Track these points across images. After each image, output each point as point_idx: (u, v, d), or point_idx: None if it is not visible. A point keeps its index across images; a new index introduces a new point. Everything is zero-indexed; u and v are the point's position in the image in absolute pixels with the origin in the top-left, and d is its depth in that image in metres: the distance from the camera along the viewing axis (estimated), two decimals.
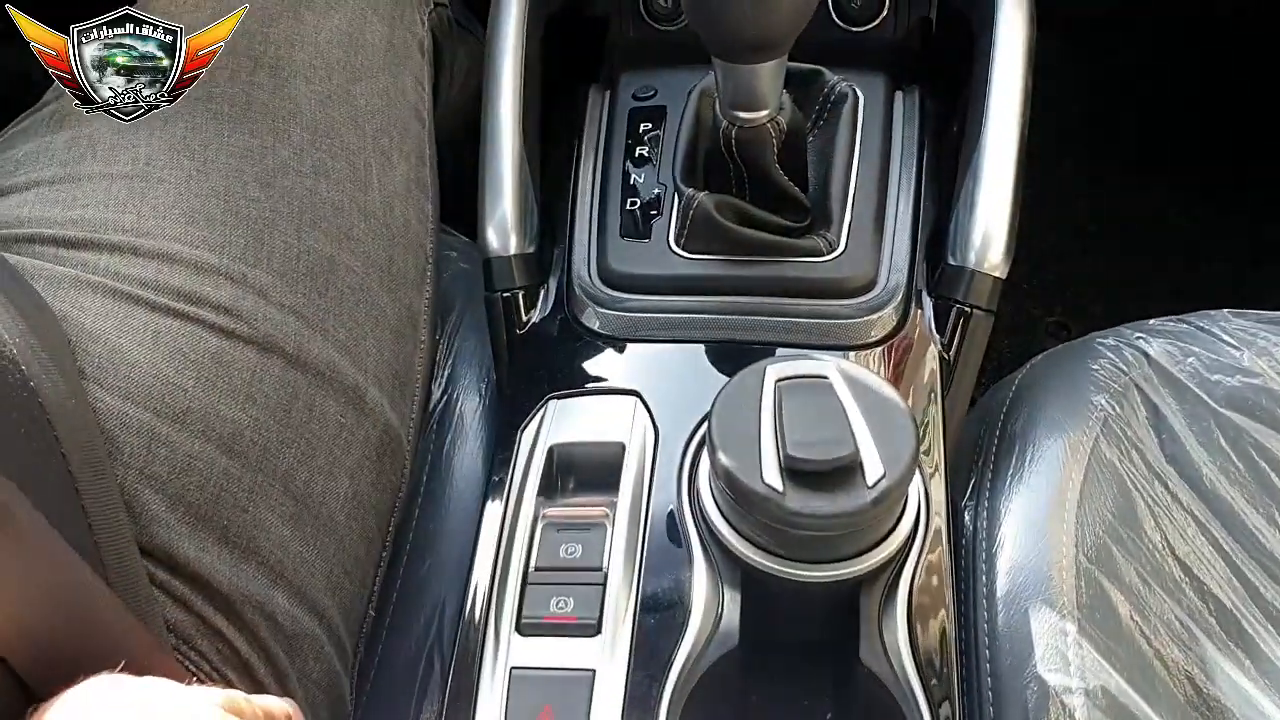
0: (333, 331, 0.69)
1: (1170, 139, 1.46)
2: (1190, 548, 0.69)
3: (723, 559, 0.60)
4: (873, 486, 0.54)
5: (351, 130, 0.76)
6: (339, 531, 0.66)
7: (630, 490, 0.64)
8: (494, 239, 0.76)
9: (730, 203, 0.73)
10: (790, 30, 0.63)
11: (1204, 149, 1.45)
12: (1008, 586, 0.66)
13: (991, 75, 0.75)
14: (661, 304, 0.73)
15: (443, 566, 0.72)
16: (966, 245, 0.72)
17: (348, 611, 0.67)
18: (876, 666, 0.58)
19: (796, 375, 0.58)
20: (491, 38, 0.82)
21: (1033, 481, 0.70)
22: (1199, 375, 0.75)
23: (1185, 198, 1.43)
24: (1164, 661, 0.65)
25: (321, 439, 0.66)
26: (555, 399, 0.69)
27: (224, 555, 0.61)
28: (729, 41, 0.64)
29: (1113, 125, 1.49)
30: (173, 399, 0.62)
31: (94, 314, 0.63)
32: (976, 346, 0.73)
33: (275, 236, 0.69)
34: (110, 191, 0.68)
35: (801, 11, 0.62)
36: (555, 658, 0.58)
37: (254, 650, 0.61)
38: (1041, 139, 0.77)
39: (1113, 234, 1.43)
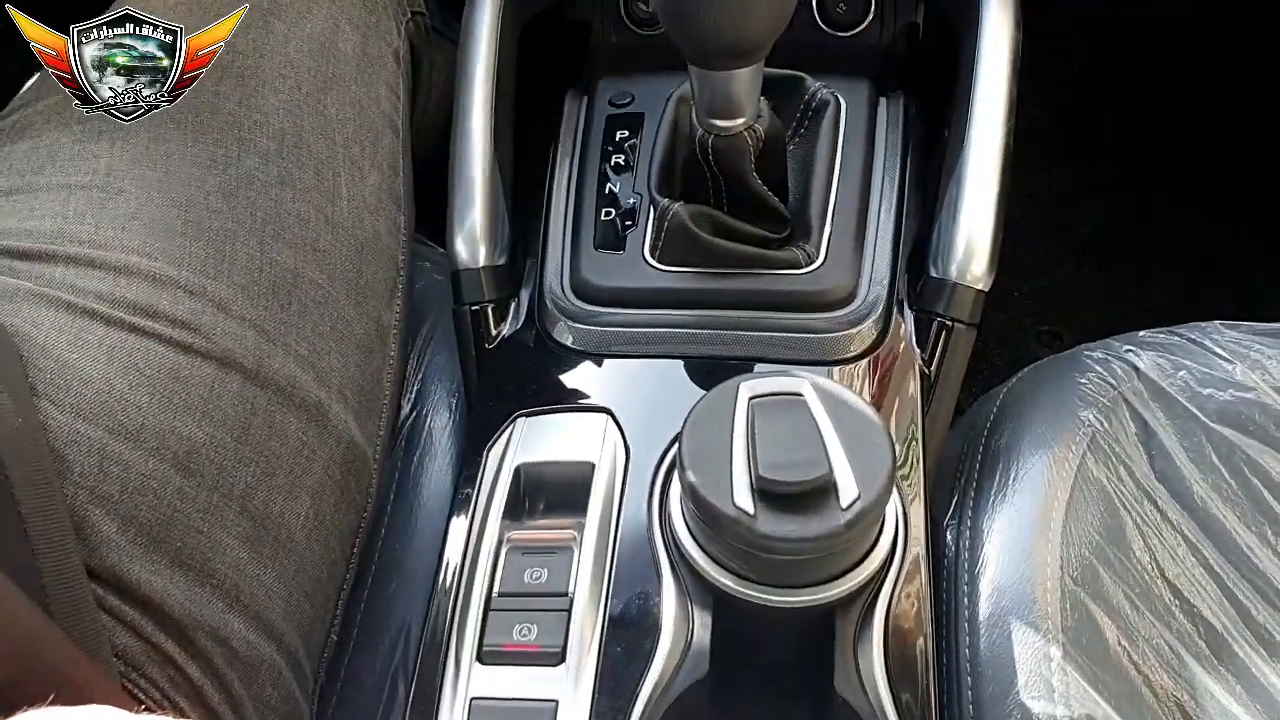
0: (295, 346, 0.67)
1: (1164, 146, 1.45)
2: (1180, 569, 0.67)
3: (693, 583, 0.58)
4: (847, 508, 0.52)
5: (320, 140, 0.74)
6: (299, 553, 0.64)
7: (599, 512, 0.62)
8: (463, 250, 0.75)
9: (707, 213, 0.71)
10: (767, 35, 0.61)
11: (1198, 156, 1.44)
12: (990, 610, 0.64)
13: (976, 81, 0.74)
14: (635, 318, 0.71)
15: (409, 588, 0.70)
16: (949, 257, 0.70)
17: (308, 636, 0.65)
18: (851, 696, 0.56)
19: (770, 393, 0.56)
20: (464, 42, 0.80)
21: (1017, 500, 0.68)
22: (1190, 389, 0.73)
23: (1179, 206, 1.41)
24: (1152, 688, 0.63)
25: (281, 457, 0.64)
26: (524, 416, 0.68)
27: (177, 578, 0.59)
28: (703, 47, 0.62)
29: (1105, 132, 1.48)
30: (126, 416, 0.60)
31: (47, 328, 0.61)
32: (958, 361, 0.71)
33: (237, 248, 0.67)
34: (68, 202, 0.67)
35: (778, 16, 0.60)
36: (517, 688, 0.56)
37: (207, 678, 0.59)
38: (1032, 146, 0.75)
39: (1106, 241, 1.42)
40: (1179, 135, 1.44)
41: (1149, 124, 1.46)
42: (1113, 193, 1.44)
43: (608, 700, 0.56)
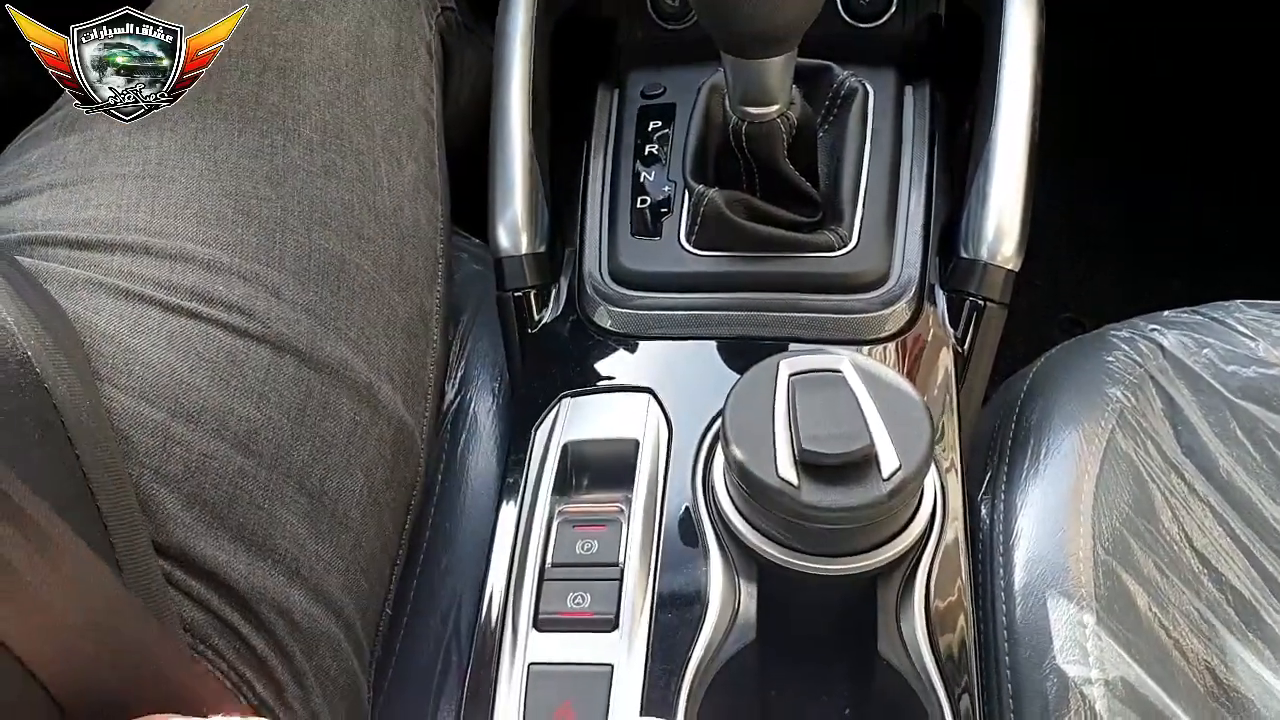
0: (345, 330, 0.69)
1: (1185, 134, 1.46)
2: (1208, 539, 0.69)
3: (738, 553, 0.60)
4: (888, 479, 0.54)
5: (360, 131, 0.76)
6: (354, 529, 0.66)
7: (645, 486, 0.64)
8: (504, 238, 0.76)
9: (741, 199, 0.73)
10: (799, 23, 0.63)
11: (1220, 143, 1.44)
12: (1025, 579, 0.66)
13: (1001, 68, 0.75)
14: (673, 301, 0.73)
15: (459, 566, 0.72)
16: (979, 238, 0.72)
17: (364, 610, 0.67)
18: (895, 659, 0.58)
19: (810, 369, 0.58)
20: (500, 39, 0.82)
21: (1049, 474, 0.70)
22: (1214, 366, 0.74)
23: (1200, 193, 1.42)
24: (1183, 652, 0.65)
25: (336, 436, 0.66)
26: (568, 397, 0.69)
27: (240, 553, 0.61)
28: (738, 36, 0.64)
29: (1126, 120, 1.49)
30: (187, 398, 0.62)
31: (108, 315, 0.63)
32: (990, 340, 0.72)
33: (287, 236, 0.69)
34: (122, 191, 0.69)
35: (810, 5, 0.62)
36: (573, 653, 0.58)
37: (271, 649, 0.61)
38: (1054, 135, 0.76)
39: (1124, 230, 1.43)
40: (1205, 123, 1.45)
41: (1161, 112, 1.47)
42: (1129, 182, 1.45)
43: (660, 664, 0.58)
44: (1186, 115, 1.47)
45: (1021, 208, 0.72)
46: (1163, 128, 1.47)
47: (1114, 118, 1.49)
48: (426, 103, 0.84)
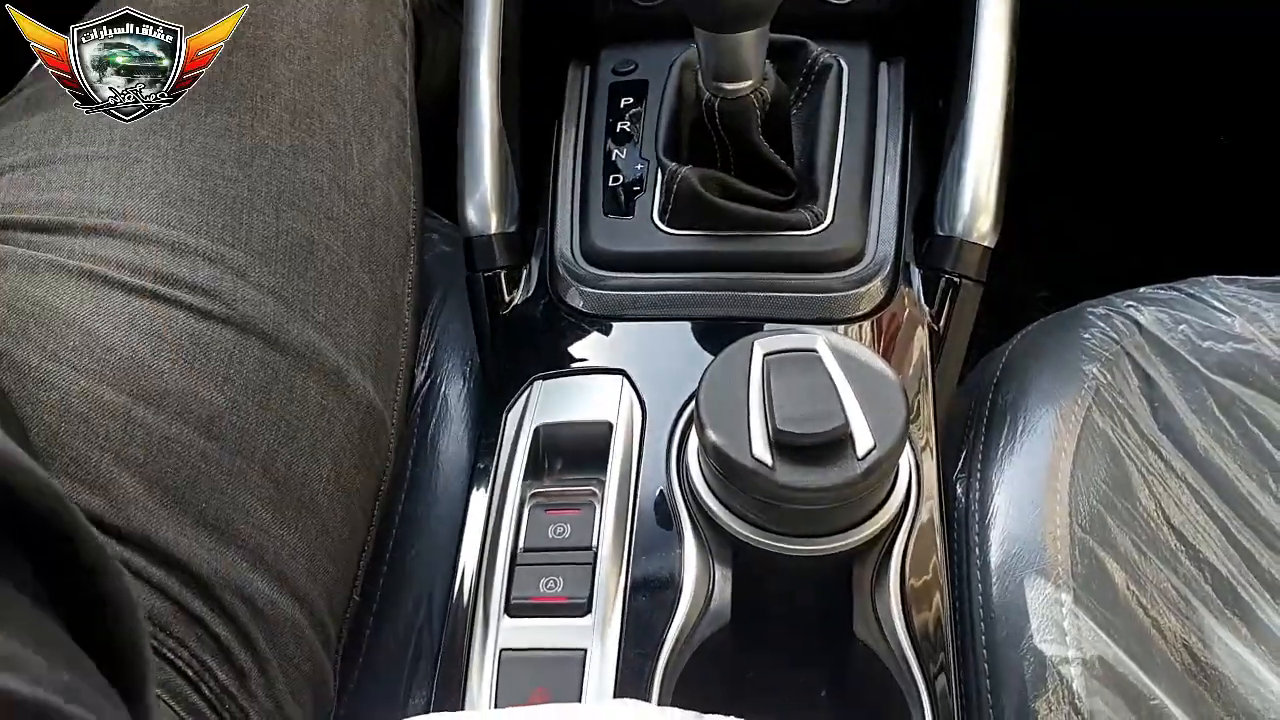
0: (313, 312, 0.68)
1: (1157, 108, 1.45)
2: (1185, 516, 0.68)
3: (713, 535, 0.59)
4: (863, 458, 0.53)
5: (331, 110, 0.75)
6: (321, 514, 0.65)
7: (618, 469, 0.63)
8: (474, 218, 0.75)
9: (715, 177, 0.72)
10: None
11: (1197, 117, 1.44)
12: (1001, 558, 0.65)
13: (976, 43, 0.74)
14: (646, 281, 0.72)
15: (430, 551, 0.70)
16: (954, 215, 0.71)
17: (331, 596, 0.66)
18: (871, 640, 0.57)
19: (784, 349, 0.57)
20: (469, 15, 0.80)
21: (1025, 452, 0.69)
22: (1190, 342, 0.74)
23: (1173, 167, 1.42)
24: (1161, 630, 0.64)
25: (302, 421, 0.65)
26: (540, 380, 0.68)
27: (202, 538, 0.60)
28: (711, 11, 0.63)
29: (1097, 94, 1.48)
30: (149, 381, 0.61)
31: (69, 298, 0.62)
32: (966, 317, 0.72)
33: (254, 216, 0.68)
34: (85, 173, 0.67)
35: None
36: (546, 639, 0.58)
37: (234, 636, 0.59)
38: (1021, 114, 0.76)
39: (1103, 206, 1.42)
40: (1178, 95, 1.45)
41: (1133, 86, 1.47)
42: (1103, 157, 1.45)
43: (634, 648, 0.57)
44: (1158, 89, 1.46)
45: (997, 183, 0.72)
46: (1135, 102, 1.47)
47: (1086, 92, 1.48)
48: (399, 81, 0.83)
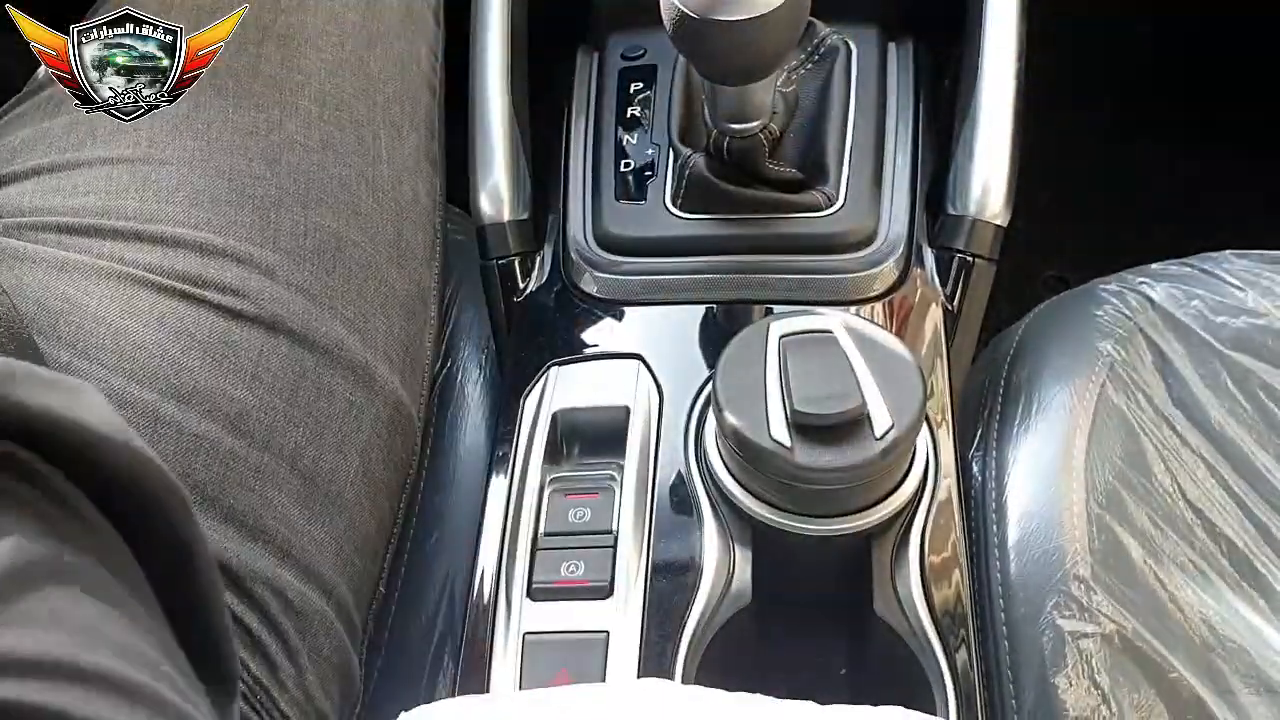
0: (341, 309, 0.68)
1: (1166, 86, 1.45)
2: (1200, 490, 0.69)
3: (732, 517, 0.60)
4: (881, 438, 0.54)
5: (362, 101, 0.74)
6: (348, 509, 0.66)
7: (637, 453, 0.63)
8: (487, 206, 0.75)
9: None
10: (780, 54, 0.63)
11: (1202, 94, 1.44)
12: (1019, 535, 0.66)
13: (985, 20, 0.74)
14: (660, 265, 0.72)
15: (451, 540, 0.71)
16: (966, 194, 0.71)
17: (358, 589, 0.66)
18: (891, 618, 0.58)
19: (800, 331, 0.58)
20: (477, 2, 0.80)
21: (1040, 430, 0.69)
22: (1204, 318, 0.74)
23: (1184, 144, 1.41)
24: (1178, 604, 0.65)
25: (330, 417, 0.66)
26: (557, 365, 0.69)
27: (230, 534, 0.60)
28: (717, 70, 0.64)
29: (1105, 74, 1.48)
30: (178, 380, 0.61)
31: (99, 297, 0.63)
32: (979, 296, 0.72)
33: (282, 215, 0.68)
34: (112, 177, 0.67)
35: (789, 37, 0.61)
36: (568, 621, 0.58)
37: (265, 627, 0.60)
38: (1035, 90, 0.76)
39: (1111, 184, 1.42)
40: (1187, 72, 1.44)
41: (1156, 61, 1.46)
42: (1109, 136, 1.45)
43: (656, 630, 0.57)
44: (1167, 67, 1.46)
45: (1009, 161, 0.72)
46: (1143, 80, 1.46)
47: (1094, 71, 1.48)
48: (430, 71, 0.82)
